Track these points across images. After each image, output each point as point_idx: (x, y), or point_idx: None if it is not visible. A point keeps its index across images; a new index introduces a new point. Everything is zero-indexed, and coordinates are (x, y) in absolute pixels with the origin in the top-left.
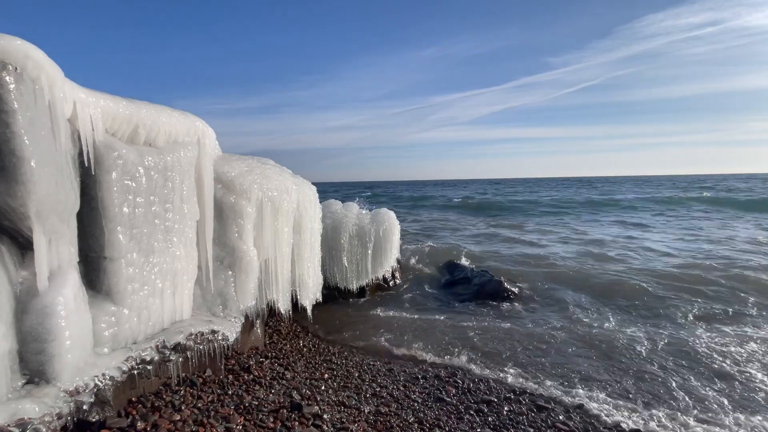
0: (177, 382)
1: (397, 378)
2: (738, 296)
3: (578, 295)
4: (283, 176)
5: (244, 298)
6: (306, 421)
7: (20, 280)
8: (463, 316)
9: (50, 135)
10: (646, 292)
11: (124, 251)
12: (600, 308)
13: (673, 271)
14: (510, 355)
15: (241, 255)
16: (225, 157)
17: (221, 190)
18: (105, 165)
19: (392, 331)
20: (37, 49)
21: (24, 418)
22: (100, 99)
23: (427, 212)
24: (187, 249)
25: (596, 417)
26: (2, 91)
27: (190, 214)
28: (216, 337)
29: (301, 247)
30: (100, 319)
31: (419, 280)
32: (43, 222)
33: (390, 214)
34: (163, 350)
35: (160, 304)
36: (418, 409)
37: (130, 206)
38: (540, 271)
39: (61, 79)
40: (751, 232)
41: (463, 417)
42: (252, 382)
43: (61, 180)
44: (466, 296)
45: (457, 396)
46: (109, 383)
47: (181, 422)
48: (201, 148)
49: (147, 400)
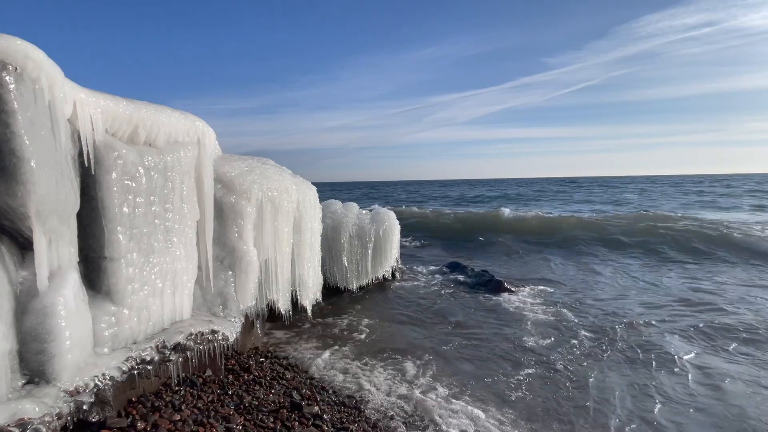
0: (177, 382)
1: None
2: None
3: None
4: (283, 176)
5: (244, 298)
6: (306, 421)
7: (20, 280)
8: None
9: (50, 135)
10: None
11: (124, 251)
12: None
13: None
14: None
15: (241, 255)
16: (225, 157)
17: (221, 190)
18: (105, 165)
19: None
20: (38, 49)
21: (24, 418)
22: (100, 99)
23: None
24: (187, 249)
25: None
26: (2, 91)
27: (190, 214)
28: (216, 337)
29: (301, 247)
30: (100, 319)
31: (419, 279)
32: (43, 222)
33: (390, 214)
34: (163, 350)
35: (160, 304)
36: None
37: (130, 206)
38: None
39: (61, 79)
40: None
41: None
42: (252, 382)
43: (61, 180)
44: (465, 295)
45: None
46: (109, 383)
47: (181, 422)
48: (201, 148)
49: (147, 400)
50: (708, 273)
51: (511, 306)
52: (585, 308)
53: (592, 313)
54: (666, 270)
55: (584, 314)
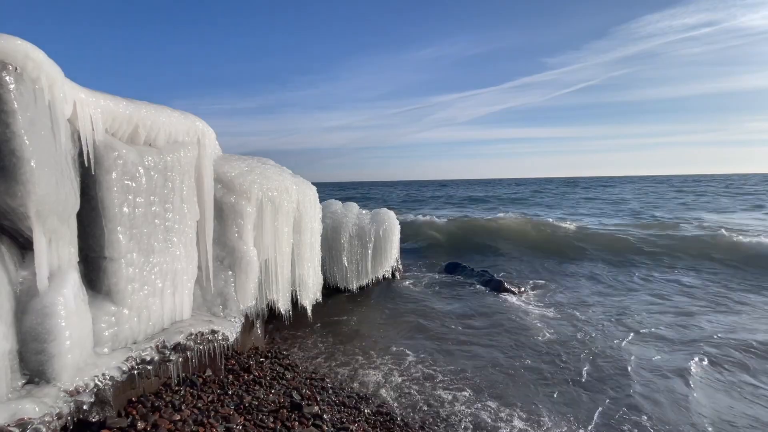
0: (177, 382)
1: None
2: None
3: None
4: (283, 176)
5: (244, 298)
6: (306, 421)
7: (20, 280)
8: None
9: (50, 135)
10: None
11: (124, 251)
12: None
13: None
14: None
15: (241, 255)
16: (225, 157)
17: (221, 190)
18: (105, 165)
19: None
20: (38, 49)
21: (24, 418)
22: (100, 99)
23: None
24: (187, 249)
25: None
26: (2, 91)
27: (190, 214)
28: (216, 337)
29: (301, 247)
30: (100, 319)
31: (419, 279)
32: (43, 222)
33: (390, 214)
34: (163, 350)
35: (160, 304)
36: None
37: (130, 206)
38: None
39: (61, 79)
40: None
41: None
42: (252, 382)
43: (61, 180)
44: (466, 294)
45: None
46: (109, 383)
47: (181, 422)
48: (201, 148)
49: (147, 400)
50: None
51: (512, 305)
52: (585, 308)
53: (592, 312)
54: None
55: (585, 312)
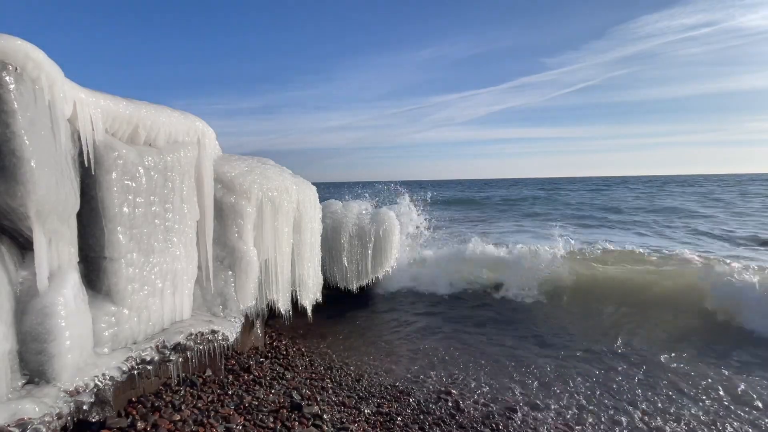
0: (177, 382)
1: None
2: None
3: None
4: (283, 176)
5: (244, 298)
6: (306, 421)
7: (20, 280)
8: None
9: (50, 135)
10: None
11: (124, 251)
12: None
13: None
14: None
15: (241, 255)
16: (225, 157)
17: (221, 190)
18: (105, 165)
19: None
20: (38, 49)
21: (24, 418)
22: (100, 99)
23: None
24: (187, 249)
25: None
26: (2, 91)
27: (190, 214)
28: (216, 337)
29: (301, 247)
30: (100, 319)
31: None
32: (43, 222)
33: (390, 214)
34: (163, 350)
35: (160, 304)
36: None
37: (130, 206)
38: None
39: (61, 79)
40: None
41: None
42: (252, 382)
43: (61, 180)
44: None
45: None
46: (109, 383)
47: (181, 422)
48: (201, 148)
49: (147, 400)
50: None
51: (514, 302)
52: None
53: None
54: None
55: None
